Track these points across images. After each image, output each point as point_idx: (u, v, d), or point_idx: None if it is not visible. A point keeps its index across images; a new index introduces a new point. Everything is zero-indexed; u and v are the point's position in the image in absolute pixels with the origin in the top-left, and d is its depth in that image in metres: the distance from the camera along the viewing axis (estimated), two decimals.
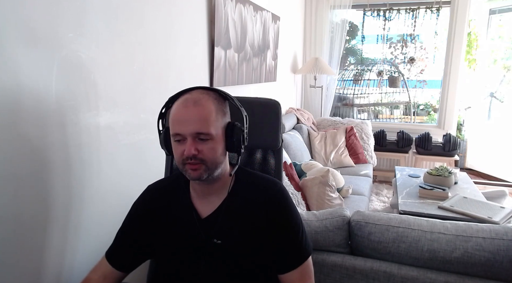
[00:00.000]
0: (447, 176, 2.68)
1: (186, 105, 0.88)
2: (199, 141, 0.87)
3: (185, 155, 0.86)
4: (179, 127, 0.87)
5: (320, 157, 3.50)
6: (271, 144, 1.21)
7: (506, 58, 4.28)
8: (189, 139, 0.86)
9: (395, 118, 5.20)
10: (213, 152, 0.88)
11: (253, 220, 0.96)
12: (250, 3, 2.55)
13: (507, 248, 1.15)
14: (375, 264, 1.28)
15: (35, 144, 1.02)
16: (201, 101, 0.88)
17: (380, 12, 4.21)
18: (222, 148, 0.91)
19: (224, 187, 0.98)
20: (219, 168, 0.92)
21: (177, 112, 0.88)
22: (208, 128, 0.87)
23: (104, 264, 1.01)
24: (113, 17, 1.28)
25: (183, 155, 0.87)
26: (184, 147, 0.87)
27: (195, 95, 0.89)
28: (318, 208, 2.24)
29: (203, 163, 0.88)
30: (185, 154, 0.86)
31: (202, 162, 0.87)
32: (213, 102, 0.90)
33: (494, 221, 2.03)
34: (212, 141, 0.88)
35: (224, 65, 2.22)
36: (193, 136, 0.86)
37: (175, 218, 0.99)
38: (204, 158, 0.87)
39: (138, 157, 1.47)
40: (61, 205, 1.12)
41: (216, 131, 0.89)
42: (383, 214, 1.36)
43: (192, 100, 0.88)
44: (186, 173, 0.90)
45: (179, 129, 0.87)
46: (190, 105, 0.87)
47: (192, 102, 0.88)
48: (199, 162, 0.87)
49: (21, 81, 0.96)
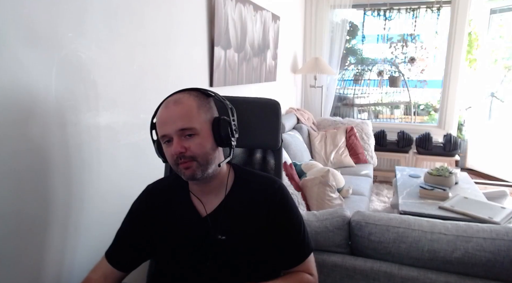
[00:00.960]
0: (447, 176, 2.67)
1: (167, 106, 0.90)
2: (185, 138, 0.88)
3: (173, 153, 0.87)
4: (163, 129, 0.89)
5: (320, 157, 3.50)
6: (271, 144, 1.21)
7: (506, 58, 4.28)
8: (174, 138, 0.88)
9: (395, 118, 5.19)
10: (201, 147, 0.89)
11: (254, 218, 0.96)
12: (250, 3, 2.54)
13: (507, 249, 1.15)
14: (375, 264, 1.28)
15: (35, 144, 1.02)
16: (181, 99, 0.91)
17: (380, 11, 4.20)
18: (211, 143, 0.91)
19: (222, 186, 0.98)
20: (212, 164, 0.92)
21: (160, 115, 0.91)
22: (191, 123, 0.88)
23: (104, 264, 1.01)
24: (113, 17, 1.28)
25: (173, 155, 0.88)
26: (171, 148, 0.88)
27: (176, 96, 0.92)
28: (318, 208, 2.24)
29: (193, 159, 0.88)
30: (173, 153, 0.87)
31: (192, 159, 0.88)
32: (193, 99, 0.91)
33: (494, 221, 2.03)
34: (199, 136, 0.89)
35: (224, 65, 2.22)
36: (178, 135, 0.88)
37: (175, 217, 0.99)
38: (193, 154, 0.88)
39: (138, 157, 1.47)
40: (61, 205, 1.12)
41: (200, 126, 0.89)
42: (383, 214, 1.36)
43: (172, 101, 0.91)
44: (181, 173, 0.90)
45: (164, 130, 0.89)
46: (171, 105, 0.90)
47: (173, 102, 0.90)
48: (190, 159, 0.88)
49: (21, 81, 0.96)
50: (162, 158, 0.97)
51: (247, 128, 1.14)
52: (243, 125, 1.11)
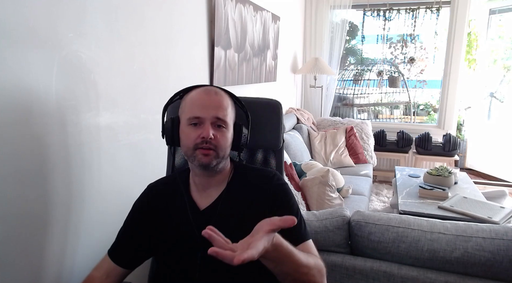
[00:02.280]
0: (447, 176, 2.68)
1: (208, 92, 0.95)
2: (216, 128, 0.93)
3: (203, 135, 0.90)
4: (199, 111, 0.92)
5: (320, 157, 3.50)
6: (272, 144, 1.21)
7: (506, 58, 4.28)
8: (207, 123, 0.91)
9: (395, 118, 5.20)
10: (226, 140, 0.94)
11: (251, 208, 0.96)
12: (250, 3, 2.55)
13: (507, 248, 1.15)
14: (375, 264, 1.28)
15: (35, 144, 1.02)
16: (220, 92, 0.97)
17: (380, 12, 4.21)
18: (230, 141, 0.97)
19: (223, 180, 1.01)
20: (225, 159, 0.98)
21: (198, 97, 0.94)
22: (226, 116, 0.94)
23: (106, 261, 1.02)
24: (113, 17, 1.28)
25: (197, 138, 0.91)
26: (200, 131, 0.91)
27: (215, 88, 0.98)
28: (318, 208, 2.24)
29: (215, 149, 0.92)
30: (203, 135, 0.90)
31: (214, 148, 0.92)
32: (228, 97, 0.98)
33: (494, 221, 2.03)
34: (226, 130, 0.94)
35: (224, 65, 2.22)
36: (213, 121, 0.92)
37: (175, 212, 1.01)
38: (217, 144, 0.92)
39: (138, 157, 1.47)
40: (61, 205, 1.12)
41: (230, 123, 0.96)
42: (383, 214, 1.36)
43: (213, 90, 0.96)
44: (196, 158, 0.92)
45: (200, 112, 0.92)
46: (212, 94, 0.95)
47: (214, 92, 0.95)
48: (212, 148, 0.91)
49: (21, 81, 0.96)
50: (170, 139, 0.98)
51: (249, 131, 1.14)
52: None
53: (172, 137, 0.97)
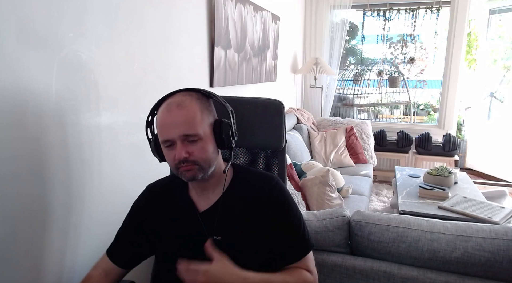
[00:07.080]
0: (447, 176, 2.68)
1: (170, 109, 0.88)
2: (188, 143, 0.87)
3: (176, 159, 0.87)
4: (166, 133, 0.88)
5: (320, 157, 3.50)
6: (274, 144, 1.21)
7: (506, 58, 4.28)
8: (178, 143, 0.87)
9: (395, 118, 5.20)
10: (204, 152, 0.89)
11: (251, 216, 0.96)
12: (250, 3, 2.55)
13: (507, 248, 1.15)
14: (375, 264, 1.28)
15: (35, 144, 1.02)
16: (184, 103, 0.88)
17: (380, 12, 4.21)
18: (212, 146, 0.92)
19: (220, 183, 0.99)
20: (213, 166, 0.93)
21: (162, 117, 0.89)
22: (195, 129, 0.87)
23: (105, 260, 1.02)
24: (113, 17, 1.28)
25: (175, 160, 0.88)
26: (175, 152, 0.87)
27: (178, 98, 0.90)
28: (318, 208, 2.24)
29: (195, 163, 0.88)
30: (176, 158, 0.87)
31: (194, 163, 0.88)
32: (196, 103, 0.90)
33: (494, 221, 2.04)
34: (202, 141, 0.89)
35: (224, 65, 2.22)
36: (182, 139, 0.87)
37: (175, 213, 1.00)
38: (196, 159, 0.88)
39: (138, 157, 1.47)
40: (61, 205, 1.12)
41: (203, 131, 0.89)
42: (383, 214, 1.36)
43: (175, 104, 0.88)
44: (182, 175, 0.91)
45: (167, 135, 0.87)
46: (174, 109, 0.87)
47: (175, 105, 0.88)
48: (192, 164, 0.88)
49: (21, 81, 0.96)
50: (159, 157, 0.96)
51: (250, 129, 1.14)
52: (247, 126, 1.11)
53: (160, 156, 0.95)
